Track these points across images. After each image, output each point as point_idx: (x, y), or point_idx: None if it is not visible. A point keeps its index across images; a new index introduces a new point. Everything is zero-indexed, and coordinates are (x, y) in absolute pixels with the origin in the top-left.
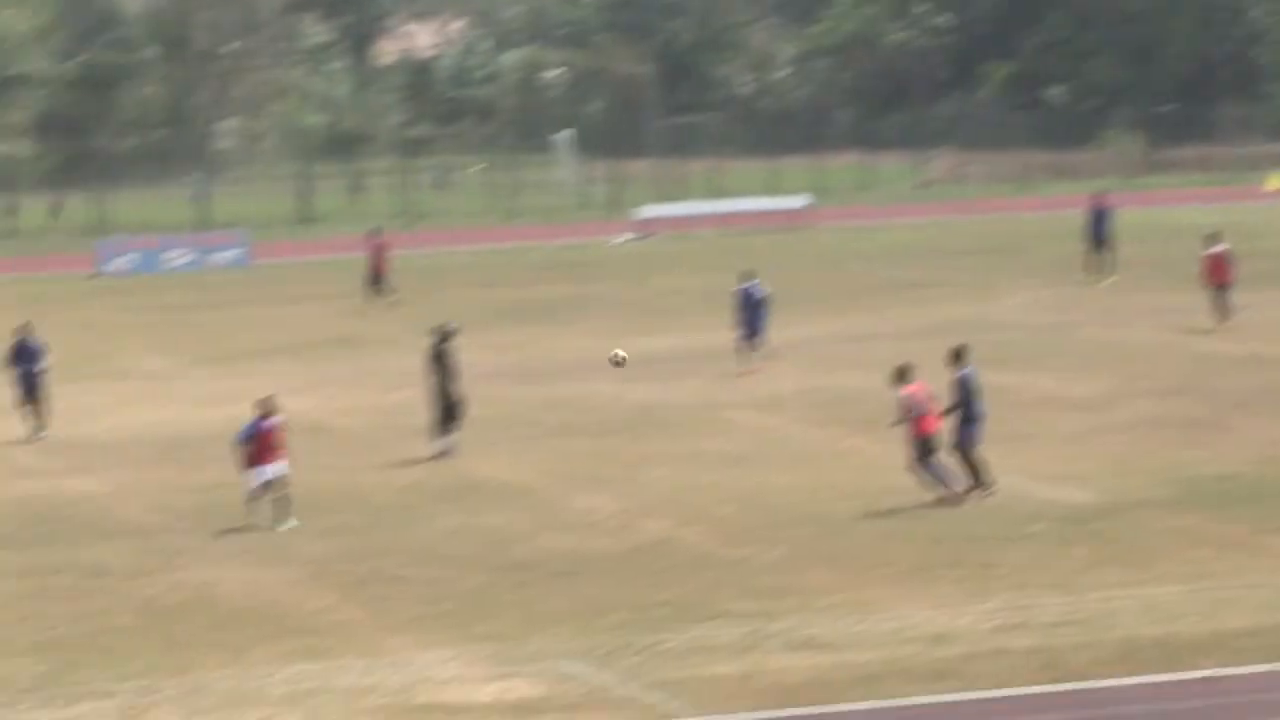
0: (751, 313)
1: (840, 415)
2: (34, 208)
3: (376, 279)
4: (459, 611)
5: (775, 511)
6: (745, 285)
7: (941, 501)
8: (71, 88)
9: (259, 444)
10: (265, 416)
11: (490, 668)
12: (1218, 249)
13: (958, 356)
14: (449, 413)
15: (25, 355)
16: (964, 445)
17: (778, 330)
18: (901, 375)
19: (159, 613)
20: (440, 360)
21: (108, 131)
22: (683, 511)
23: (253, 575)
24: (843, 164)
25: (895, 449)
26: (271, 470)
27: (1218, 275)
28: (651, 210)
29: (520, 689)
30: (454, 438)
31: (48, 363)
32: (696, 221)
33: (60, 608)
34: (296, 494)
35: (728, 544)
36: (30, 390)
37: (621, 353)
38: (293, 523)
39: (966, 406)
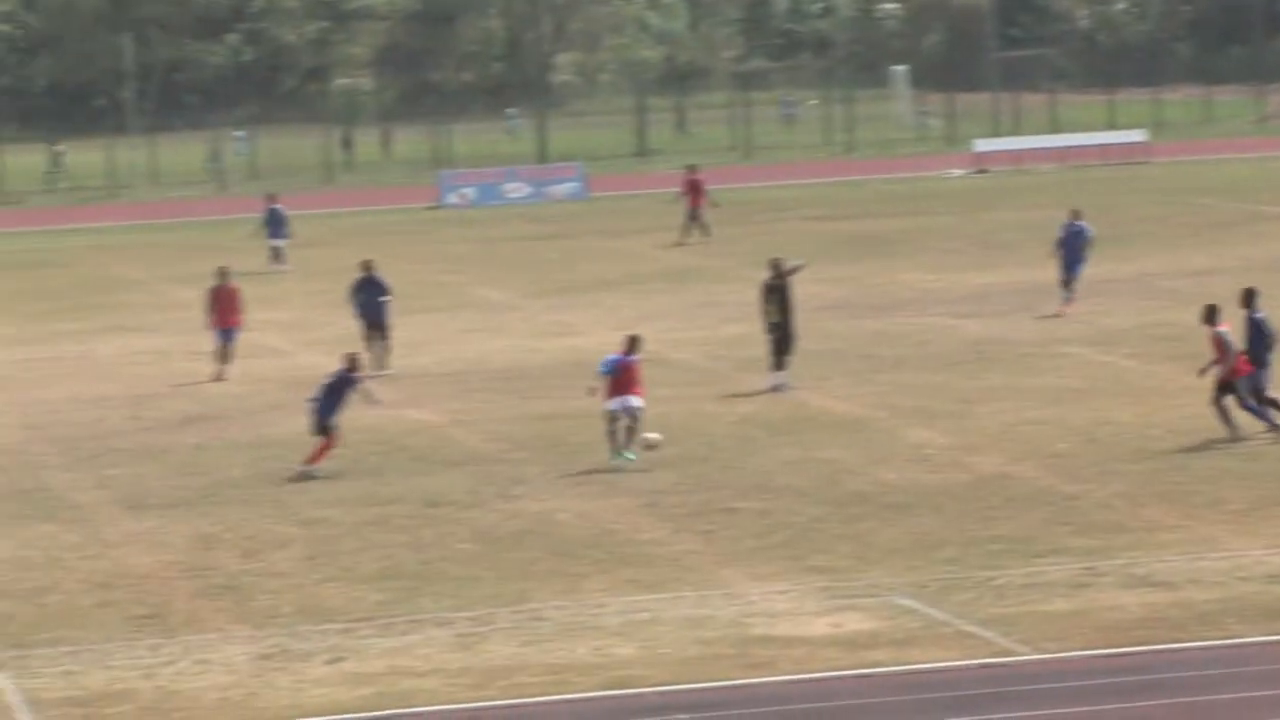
0: (1074, 252)
1: (1176, 351)
2: (374, 141)
3: (693, 215)
4: (792, 544)
5: (1109, 447)
6: (1071, 223)
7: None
8: (411, 21)
9: (621, 377)
10: (629, 352)
11: (823, 601)
12: None
13: (1249, 299)
14: (783, 346)
15: (370, 290)
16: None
17: (1116, 265)
18: (1211, 314)
19: (496, 542)
20: (776, 294)
21: (446, 65)
22: (1016, 447)
23: (589, 505)
24: (1180, 98)
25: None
26: (630, 402)
27: None
28: (987, 144)
29: (853, 623)
30: (788, 372)
31: (390, 298)
32: (1032, 155)
33: (399, 537)
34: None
35: (1062, 480)
36: (374, 324)
37: (654, 437)
38: (631, 455)
39: (1255, 350)
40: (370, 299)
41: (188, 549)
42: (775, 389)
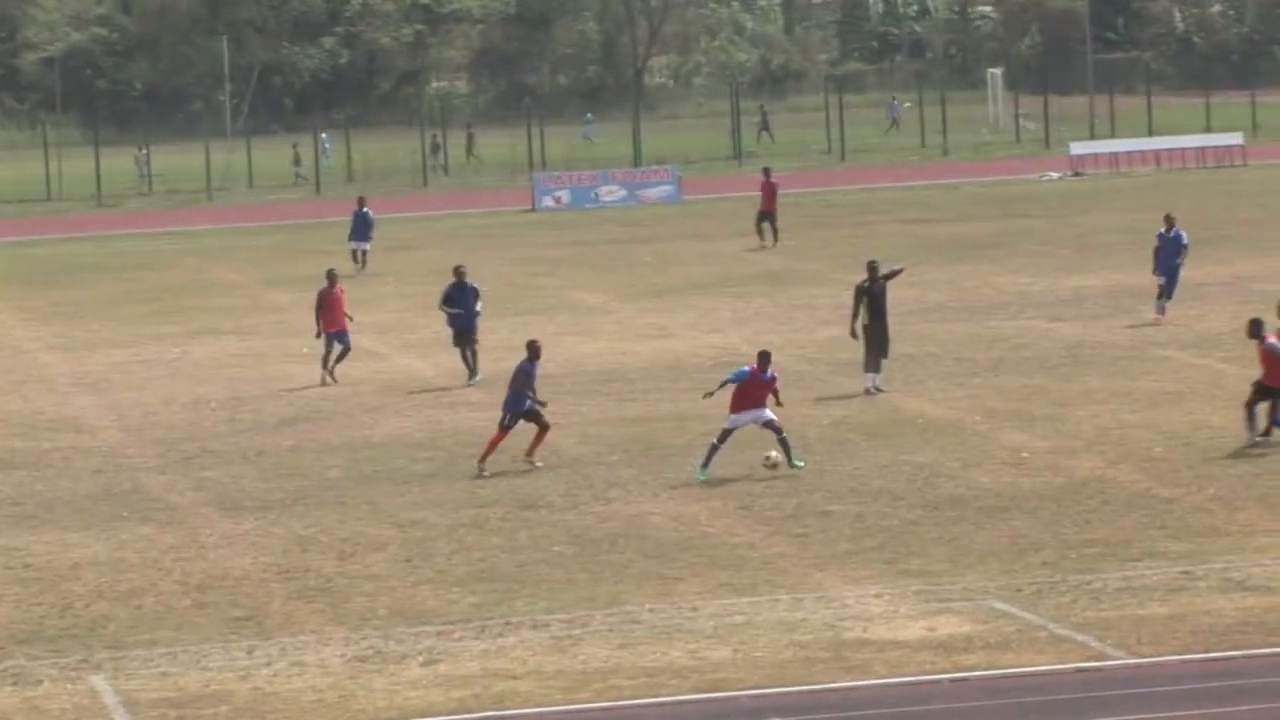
0: (1170, 259)
1: None
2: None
3: (766, 218)
4: (886, 547)
5: (1206, 451)
6: (1167, 230)
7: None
8: (507, 24)
9: (746, 391)
10: (762, 369)
11: (918, 604)
12: None
13: None
14: (878, 349)
15: (462, 296)
16: None
17: (1212, 268)
18: (1256, 327)
19: (590, 544)
20: (868, 297)
21: (541, 68)
22: (1112, 450)
23: (682, 508)
24: (1277, 101)
25: None
26: (762, 415)
27: None
28: (1083, 147)
29: (948, 626)
30: (882, 375)
31: (481, 306)
32: (1128, 158)
33: (494, 539)
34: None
35: (1158, 483)
36: (465, 331)
37: (774, 455)
38: (800, 463)
39: None
40: (462, 305)
41: (283, 551)
42: (871, 391)
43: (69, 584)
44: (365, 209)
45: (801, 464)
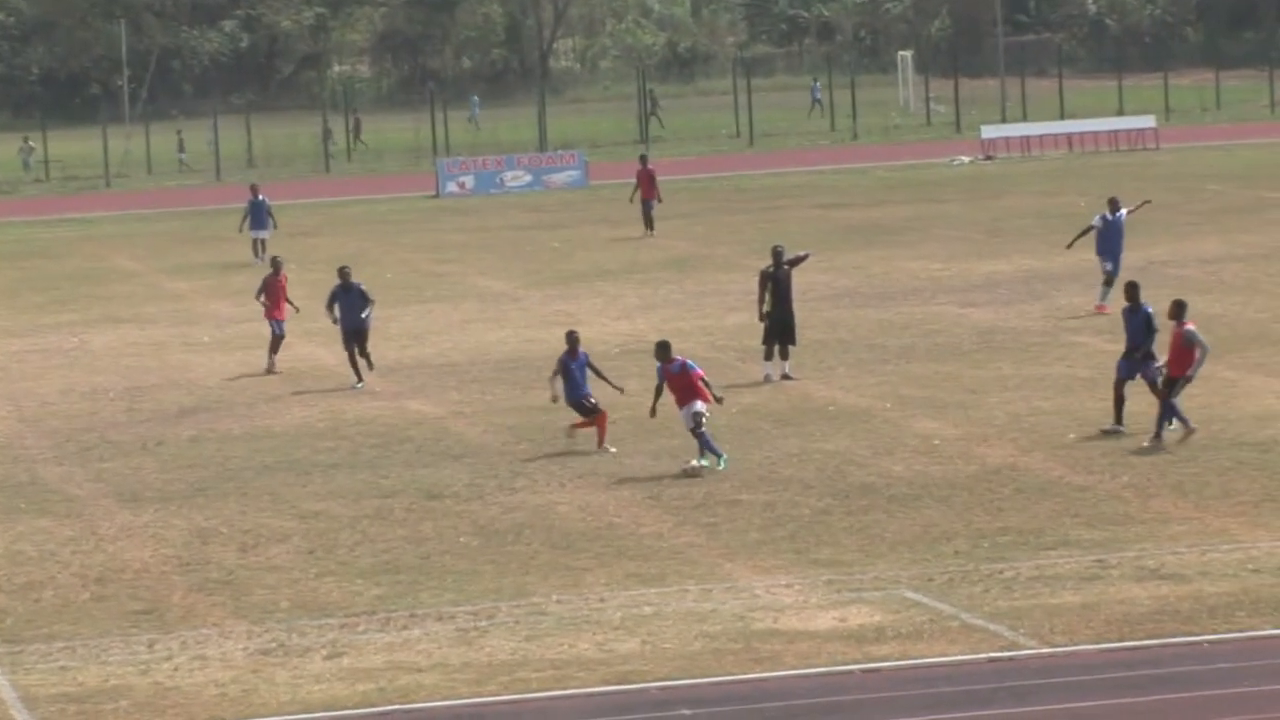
0: (1116, 245)
1: None
2: (371, 129)
3: (646, 205)
4: (797, 536)
5: (1120, 439)
6: (1112, 214)
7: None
8: (410, 7)
9: (674, 385)
10: (662, 360)
11: (829, 594)
12: None
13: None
14: (780, 336)
15: (347, 299)
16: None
17: (1127, 253)
18: (1179, 309)
19: (496, 535)
20: (772, 283)
21: (445, 51)
22: (1025, 437)
23: (590, 498)
24: (1190, 83)
25: (1244, 377)
26: (694, 407)
27: None
28: (994, 130)
29: (859, 616)
30: (789, 362)
31: (369, 313)
32: (1040, 142)
33: (398, 530)
34: (634, 416)
35: (1071, 471)
36: (355, 333)
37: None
38: (703, 462)
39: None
40: (348, 308)
41: (184, 543)
42: (768, 379)
43: None
44: (260, 197)
45: (705, 463)
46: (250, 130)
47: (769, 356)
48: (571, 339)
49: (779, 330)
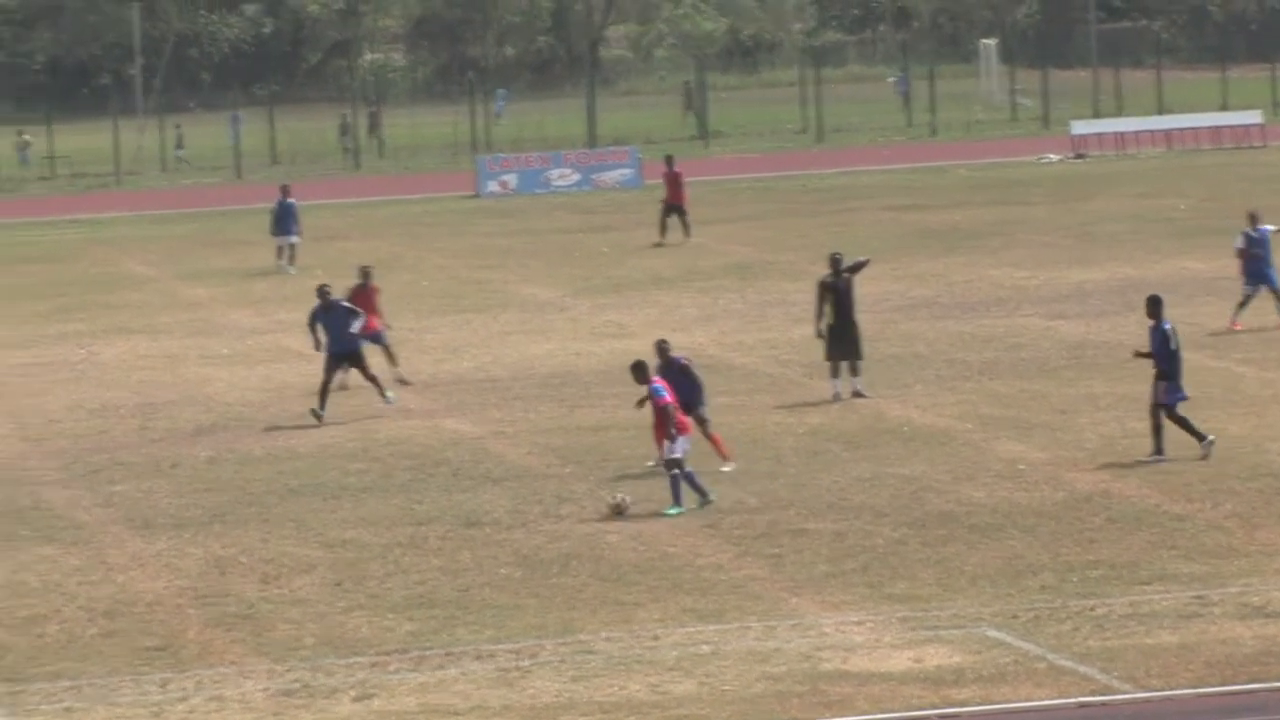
0: (1265, 262)
1: None
2: (406, 122)
3: (673, 211)
4: (869, 569)
5: (1222, 464)
6: (1253, 228)
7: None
8: None
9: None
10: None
11: (903, 633)
12: None
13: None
14: (845, 351)
15: (330, 320)
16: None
17: (1229, 260)
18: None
19: (540, 566)
20: (832, 293)
21: (486, 38)
22: (1118, 462)
23: (642, 526)
24: None
25: None
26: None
27: None
28: (1085, 126)
29: (937, 657)
30: (861, 378)
31: (358, 326)
32: (1135, 139)
33: (434, 560)
34: (694, 437)
35: (1169, 499)
36: (343, 357)
37: (622, 497)
38: (674, 511)
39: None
40: (333, 329)
41: (200, 574)
42: (836, 397)
43: None
44: (290, 199)
45: (674, 512)
46: (274, 124)
47: (835, 373)
48: (660, 348)
49: (842, 343)
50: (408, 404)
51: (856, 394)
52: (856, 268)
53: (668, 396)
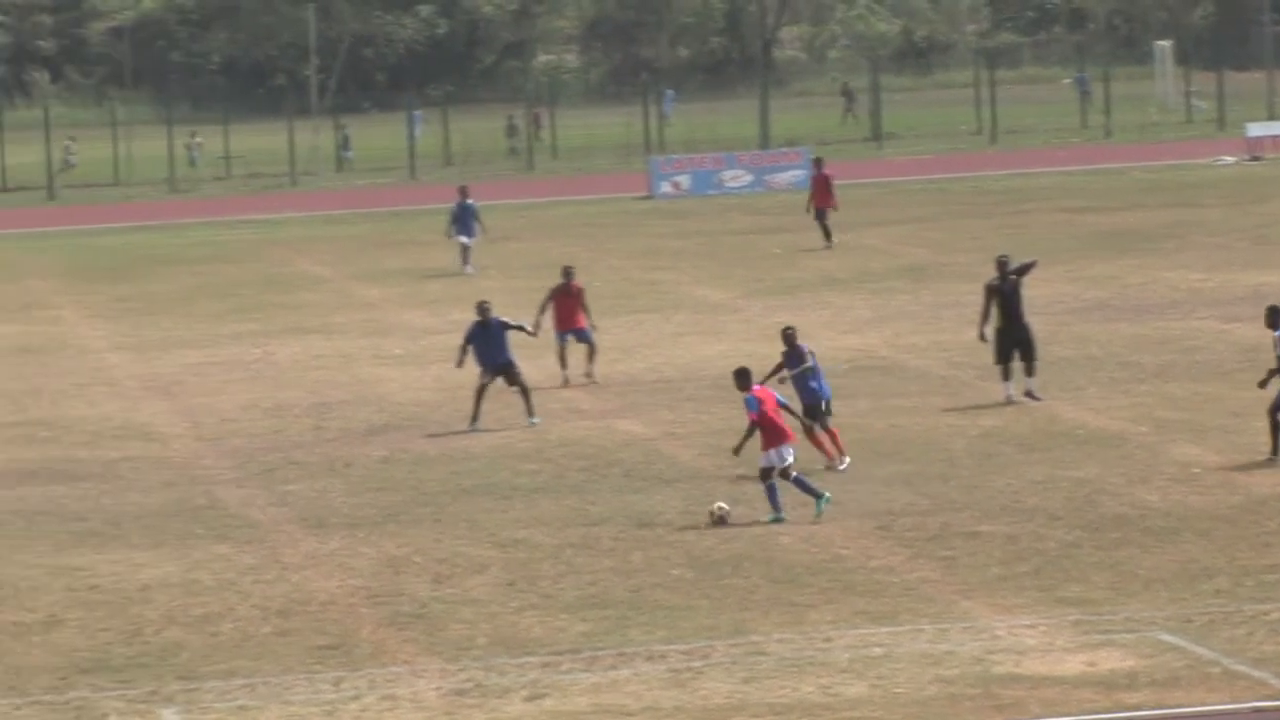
0: None
1: None
2: (578, 123)
3: (820, 214)
4: (1042, 572)
5: None
6: None
7: None
8: None
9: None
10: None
11: (1077, 636)
12: None
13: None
14: (1017, 353)
15: (485, 336)
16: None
17: None
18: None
19: (712, 567)
20: (1001, 296)
21: (660, 39)
22: None
23: (814, 528)
24: None
25: None
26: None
27: None
28: (1261, 128)
29: (1110, 660)
30: (1035, 379)
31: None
32: None
33: (606, 561)
34: (864, 438)
35: None
36: (497, 371)
37: (720, 506)
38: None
39: None
40: (487, 346)
41: (373, 573)
42: (1010, 400)
43: (138, 608)
44: (469, 200)
45: (769, 519)
46: (448, 124)
47: (1006, 375)
48: (787, 337)
49: (1012, 345)
50: (580, 405)
51: (1029, 395)
52: (1024, 270)
53: (754, 413)
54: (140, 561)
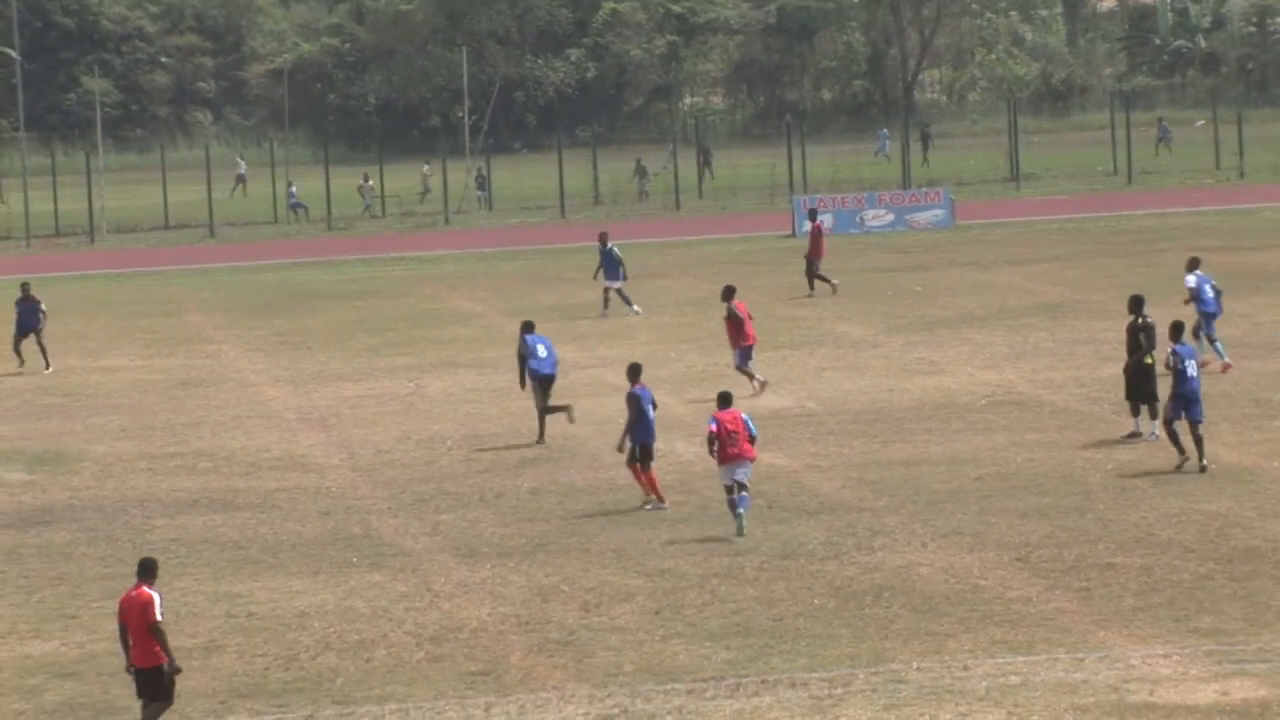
0: None
1: None
2: (725, 163)
3: (811, 265)
4: (1176, 603)
5: None
6: None
7: None
8: (767, 35)
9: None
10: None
11: (1210, 666)
12: None
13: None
14: (1144, 391)
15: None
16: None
17: None
18: None
19: (853, 597)
20: (1138, 335)
21: (804, 82)
22: None
23: (953, 559)
24: None
25: None
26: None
27: None
28: None
29: (1243, 690)
30: (1157, 421)
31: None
32: None
33: (749, 590)
34: (1001, 472)
35: None
36: (548, 383)
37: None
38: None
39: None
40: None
41: (523, 601)
42: (1135, 435)
43: (294, 634)
44: (610, 245)
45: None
46: (596, 165)
47: (1135, 411)
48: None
49: (1141, 385)
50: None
51: (1155, 436)
52: (1140, 308)
53: (714, 427)
54: (297, 589)
